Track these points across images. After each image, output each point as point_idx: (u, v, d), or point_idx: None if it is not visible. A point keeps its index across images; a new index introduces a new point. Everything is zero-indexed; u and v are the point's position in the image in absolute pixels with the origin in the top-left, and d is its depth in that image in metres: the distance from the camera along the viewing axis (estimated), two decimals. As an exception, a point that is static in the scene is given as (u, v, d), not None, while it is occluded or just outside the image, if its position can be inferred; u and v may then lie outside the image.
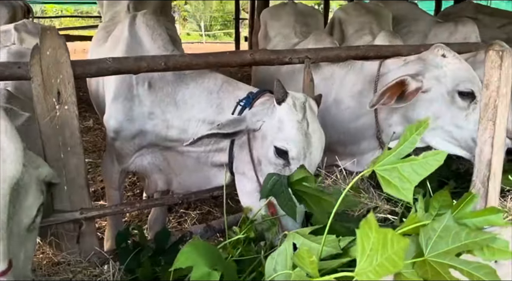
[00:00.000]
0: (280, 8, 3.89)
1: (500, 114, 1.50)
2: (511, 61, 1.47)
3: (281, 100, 1.92)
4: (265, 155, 1.97)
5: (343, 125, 2.66)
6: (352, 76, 2.68)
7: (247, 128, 1.97)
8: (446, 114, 2.30)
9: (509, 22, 4.80)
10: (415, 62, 2.41)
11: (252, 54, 2.56)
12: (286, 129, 1.91)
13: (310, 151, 1.95)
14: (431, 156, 1.19)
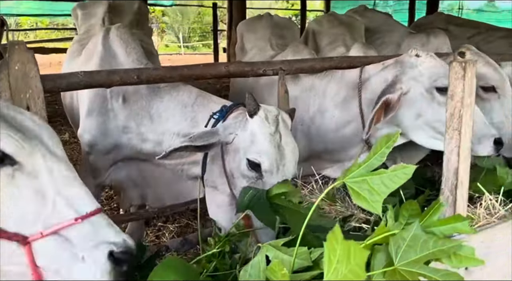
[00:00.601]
0: (256, 20, 3.92)
1: (465, 124, 1.54)
2: (474, 72, 1.52)
3: (253, 113, 1.93)
4: (237, 168, 1.97)
5: (330, 134, 2.68)
6: (333, 85, 2.71)
7: (219, 141, 1.97)
8: (428, 111, 2.35)
9: (478, 32, 4.97)
10: (393, 66, 2.48)
11: (227, 66, 2.57)
12: (258, 141, 1.92)
13: (283, 163, 1.96)
14: (400, 170, 1.22)
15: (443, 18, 5.37)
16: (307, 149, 2.68)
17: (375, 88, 2.46)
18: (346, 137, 2.65)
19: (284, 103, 2.71)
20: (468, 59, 1.51)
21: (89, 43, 2.73)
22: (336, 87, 2.69)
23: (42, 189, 1.20)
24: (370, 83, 2.52)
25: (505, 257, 1.81)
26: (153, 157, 2.29)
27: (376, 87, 2.46)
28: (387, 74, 2.44)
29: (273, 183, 1.93)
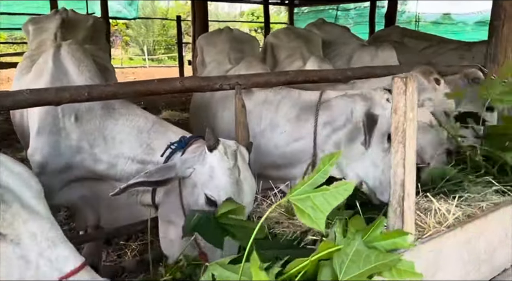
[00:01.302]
0: (216, 34, 3.93)
1: (409, 137, 1.58)
2: (415, 87, 1.57)
3: (213, 147, 1.91)
4: (195, 202, 1.94)
5: (279, 149, 2.71)
6: (288, 102, 2.76)
7: (176, 175, 1.94)
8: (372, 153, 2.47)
9: (430, 44, 5.18)
10: (361, 99, 2.54)
11: (182, 82, 2.56)
12: (217, 176, 1.90)
13: (241, 198, 1.95)
14: (341, 186, 1.23)
15: (399, 31, 5.57)
16: (257, 163, 2.69)
17: (336, 114, 2.56)
18: (294, 153, 2.70)
19: (241, 117, 2.71)
20: (409, 74, 1.55)
21: (39, 60, 2.65)
22: (290, 104, 2.74)
23: (25, 254, 1.23)
24: (331, 107, 2.60)
25: (453, 265, 1.87)
26: (107, 177, 2.24)
27: (335, 112, 2.56)
28: (353, 104, 2.52)
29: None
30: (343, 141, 2.55)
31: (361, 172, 2.49)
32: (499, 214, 2.03)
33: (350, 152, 2.50)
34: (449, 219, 2.03)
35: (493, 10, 3.64)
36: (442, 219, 2.04)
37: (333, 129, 2.57)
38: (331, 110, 2.58)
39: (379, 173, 2.46)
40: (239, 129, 2.72)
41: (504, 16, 3.56)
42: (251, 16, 26.54)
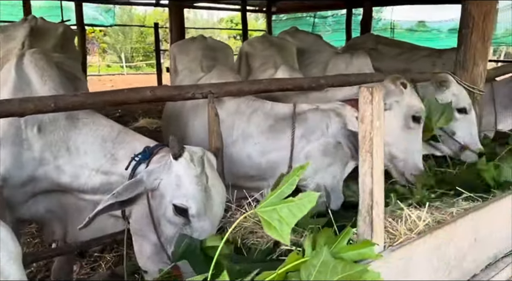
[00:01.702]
0: (189, 42, 3.91)
1: (376, 146, 1.58)
2: (381, 96, 1.58)
3: (178, 155, 1.87)
4: (164, 214, 1.90)
5: (252, 160, 2.70)
6: (261, 113, 2.76)
7: (145, 189, 1.89)
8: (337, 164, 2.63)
9: (403, 51, 5.28)
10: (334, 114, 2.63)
11: (153, 91, 2.52)
12: (184, 185, 1.86)
13: (210, 206, 1.91)
14: (305, 198, 1.23)
15: (373, 38, 5.67)
16: (230, 173, 2.67)
17: (312, 126, 2.62)
18: (269, 164, 2.70)
19: (214, 125, 2.69)
20: (375, 84, 1.57)
21: (3, 69, 2.58)
22: (263, 116, 2.75)
23: None
24: (307, 120, 2.65)
25: (423, 272, 1.87)
26: (71, 190, 2.18)
27: (312, 126, 2.62)
28: (329, 120, 2.61)
29: (202, 227, 1.89)
30: (314, 154, 2.59)
31: (327, 181, 2.60)
32: (468, 220, 2.06)
33: (319, 164, 2.57)
34: (420, 226, 2.05)
35: (462, 19, 3.72)
36: (413, 226, 2.06)
37: (308, 142, 2.61)
38: (307, 123, 2.62)
39: (334, 182, 2.60)
40: (212, 138, 2.69)
41: (472, 24, 3.64)
42: (229, 23, 26.60)
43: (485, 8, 3.61)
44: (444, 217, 2.17)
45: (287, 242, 1.21)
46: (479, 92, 3.80)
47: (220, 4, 12.71)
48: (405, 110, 2.84)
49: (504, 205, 2.23)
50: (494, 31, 11.67)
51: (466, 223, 2.04)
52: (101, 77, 18.93)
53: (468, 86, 3.75)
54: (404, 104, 2.84)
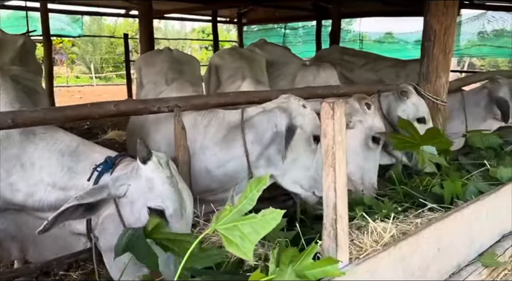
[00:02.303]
0: (155, 54, 3.87)
1: (338, 160, 1.59)
2: (342, 111, 1.60)
3: (146, 158, 1.85)
4: (138, 219, 1.86)
5: (212, 172, 2.69)
6: (215, 124, 2.75)
7: (109, 195, 1.85)
8: (303, 156, 2.56)
9: (368, 62, 5.41)
10: (280, 111, 2.59)
11: (117, 105, 2.47)
12: (157, 187, 1.84)
13: (184, 208, 1.90)
14: (269, 214, 1.22)
15: (338, 50, 5.78)
16: (194, 188, 2.65)
17: (260, 130, 2.58)
18: (228, 175, 2.69)
19: (181, 139, 2.66)
20: (337, 100, 1.58)
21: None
22: (217, 126, 2.74)
23: None
24: (254, 124, 2.62)
25: (389, 284, 1.89)
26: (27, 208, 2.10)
27: (261, 129, 2.58)
28: (275, 118, 2.57)
29: (180, 229, 1.87)
30: (275, 155, 2.58)
31: (296, 178, 2.58)
32: (431, 230, 2.09)
33: (283, 164, 2.54)
34: (385, 238, 2.07)
35: (424, 32, 3.84)
36: (379, 238, 2.08)
37: (263, 146, 2.60)
38: (255, 128, 2.61)
39: (312, 172, 2.57)
40: (179, 152, 2.67)
41: (434, 38, 3.76)
42: (201, 33, 26.59)
43: (445, 22, 3.73)
44: (409, 228, 2.21)
45: (250, 259, 1.20)
46: (442, 103, 3.91)
47: (191, 15, 12.69)
48: (367, 130, 2.93)
49: (465, 214, 2.28)
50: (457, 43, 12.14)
51: (429, 234, 2.07)
52: (69, 89, 18.51)
53: (432, 97, 3.85)
54: (366, 124, 2.93)
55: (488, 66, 22.51)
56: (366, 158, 2.97)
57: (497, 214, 2.52)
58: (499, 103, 4.32)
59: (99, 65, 24.04)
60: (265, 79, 3.92)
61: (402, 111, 3.32)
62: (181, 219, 1.88)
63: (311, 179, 2.58)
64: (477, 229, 2.38)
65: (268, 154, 2.60)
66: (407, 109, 3.36)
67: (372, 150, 2.98)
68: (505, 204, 2.60)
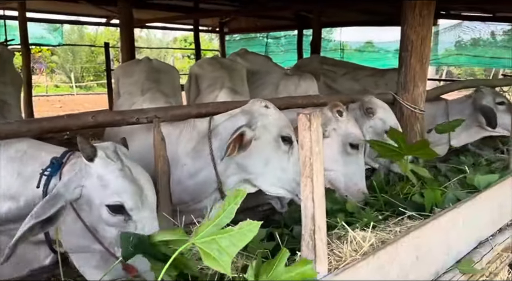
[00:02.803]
0: (133, 64, 3.85)
1: (316, 171, 1.60)
2: (319, 122, 1.61)
3: (92, 156, 1.82)
4: (99, 219, 1.84)
5: (183, 184, 2.66)
6: (185, 134, 2.73)
7: (66, 201, 1.80)
8: (274, 158, 2.52)
9: (347, 71, 5.49)
10: (242, 114, 2.59)
11: (94, 117, 2.45)
12: (110, 182, 1.82)
13: (144, 195, 1.89)
14: (246, 227, 1.22)
15: (318, 60, 5.86)
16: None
17: (224, 136, 2.54)
18: (198, 186, 2.66)
19: (160, 150, 2.63)
20: (313, 111, 1.59)
21: None
22: (188, 136, 2.72)
23: None
24: (219, 131, 2.61)
25: (368, 293, 1.90)
26: None
27: (226, 135, 2.54)
28: (237, 122, 2.54)
29: (144, 218, 1.86)
30: (244, 159, 2.54)
31: (274, 180, 2.53)
32: (410, 238, 2.11)
33: (254, 167, 2.52)
34: (365, 247, 2.08)
35: (401, 43, 3.92)
36: (358, 247, 2.09)
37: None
38: (221, 134, 2.58)
39: (291, 175, 2.51)
40: (159, 163, 2.64)
41: (411, 48, 3.85)
42: (184, 42, 26.56)
43: (422, 33, 3.82)
44: (389, 237, 2.23)
45: (229, 273, 1.19)
46: (420, 112, 3.99)
47: (172, 24, 12.67)
48: (342, 138, 2.95)
49: (442, 221, 2.31)
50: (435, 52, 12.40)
51: (407, 242, 2.09)
52: (49, 98, 18.23)
53: (410, 106, 3.93)
54: (341, 132, 2.95)
55: (464, 74, 23.07)
56: (347, 164, 2.97)
57: (474, 221, 2.57)
58: (484, 111, 4.43)
59: (80, 74, 23.75)
60: (244, 88, 3.93)
61: (369, 128, 3.36)
62: (143, 208, 1.86)
63: (293, 181, 2.51)
64: (454, 236, 2.42)
65: (236, 160, 2.55)
66: (374, 126, 3.40)
67: (352, 155, 2.98)
68: (481, 211, 2.65)
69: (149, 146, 2.64)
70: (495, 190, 2.78)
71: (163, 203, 2.62)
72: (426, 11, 3.75)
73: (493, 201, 2.76)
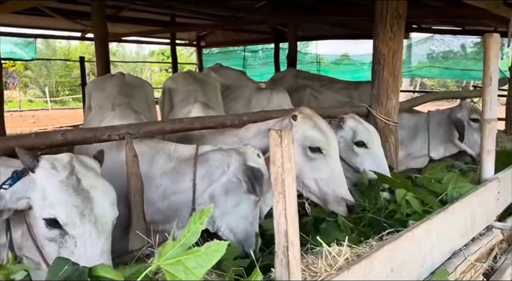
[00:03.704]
0: (106, 79, 3.80)
1: (288, 187, 1.59)
2: (290, 138, 1.61)
3: (33, 167, 1.80)
4: (39, 233, 1.80)
5: (156, 204, 2.61)
6: (164, 156, 2.69)
7: (5, 207, 1.76)
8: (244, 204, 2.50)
9: (322, 84, 5.55)
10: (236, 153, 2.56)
11: (64, 134, 2.39)
12: (48, 194, 1.78)
13: (89, 208, 1.81)
14: (213, 247, 1.19)
15: (293, 73, 5.92)
16: None
17: (212, 166, 2.54)
18: (172, 208, 2.63)
19: (133, 167, 2.59)
20: (284, 127, 1.60)
21: None
22: (166, 157, 2.69)
23: None
24: (207, 159, 2.59)
25: (343, 308, 1.88)
26: None
27: (213, 165, 2.54)
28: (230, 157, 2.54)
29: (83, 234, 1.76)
30: (218, 194, 2.54)
31: (233, 224, 2.50)
32: (384, 251, 2.11)
33: (225, 205, 2.50)
34: (340, 261, 2.07)
35: (374, 56, 3.99)
36: (333, 261, 2.08)
37: (210, 182, 2.56)
38: (208, 164, 2.57)
39: (247, 225, 2.51)
40: (131, 180, 2.59)
41: (383, 61, 3.92)
42: (161, 55, 26.46)
43: (393, 46, 3.90)
44: (364, 251, 2.23)
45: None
46: (393, 124, 4.05)
47: (149, 38, 12.63)
48: (300, 142, 2.89)
49: (416, 233, 2.33)
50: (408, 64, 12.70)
51: (382, 255, 2.09)
52: (22, 113, 17.83)
53: (384, 119, 3.98)
54: (296, 136, 2.88)
55: (437, 85, 23.67)
56: (314, 169, 2.92)
57: (447, 232, 2.59)
58: (456, 124, 4.52)
59: (54, 89, 23.32)
60: (218, 102, 3.92)
61: (340, 138, 3.34)
62: (82, 223, 1.77)
63: (245, 232, 2.51)
64: (428, 248, 2.44)
65: (213, 191, 2.55)
66: (344, 135, 3.41)
67: (317, 159, 2.92)
68: (453, 222, 2.69)
69: (121, 163, 2.59)
70: (467, 200, 2.82)
71: (136, 221, 2.56)
72: (397, 26, 3.84)
73: (465, 211, 2.80)
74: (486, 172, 3.13)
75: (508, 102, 6.78)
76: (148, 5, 8.75)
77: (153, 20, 10.24)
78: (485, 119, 3.05)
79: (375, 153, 3.33)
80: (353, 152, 3.34)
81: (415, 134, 4.80)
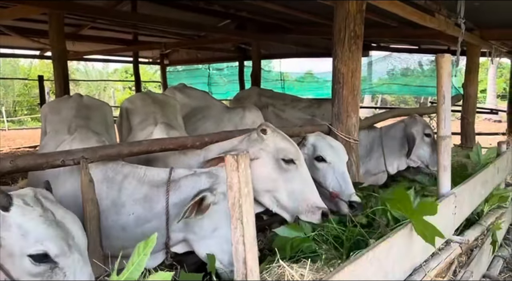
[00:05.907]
0: (63, 101, 3.66)
1: (246, 213, 1.57)
2: (247, 163, 1.59)
3: (7, 205, 1.73)
4: (23, 271, 1.72)
5: (128, 232, 2.51)
6: (133, 181, 2.58)
7: None
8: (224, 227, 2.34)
9: (285, 103, 5.62)
10: (207, 176, 2.48)
11: (13, 161, 2.28)
12: (31, 230, 1.72)
13: (71, 238, 1.80)
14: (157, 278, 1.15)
15: (256, 92, 5.96)
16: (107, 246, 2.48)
17: (184, 192, 2.45)
18: (145, 235, 2.52)
19: (89, 193, 2.49)
20: (241, 152, 1.58)
21: None
22: (136, 183, 2.57)
23: None
24: (179, 186, 2.50)
25: None
26: None
27: (185, 192, 2.45)
28: (200, 183, 2.45)
29: (73, 263, 1.76)
30: (193, 220, 2.42)
31: (216, 249, 2.37)
32: (345, 272, 2.10)
33: (201, 229, 2.40)
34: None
35: (333, 76, 4.07)
36: (295, 284, 2.06)
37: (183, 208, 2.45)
38: (180, 190, 2.48)
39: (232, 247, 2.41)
40: (87, 206, 2.49)
41: (343, 80, 4.00)
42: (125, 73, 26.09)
43: (352, 66, 3.99)
44: (328, 271, 2.22)
45: None
46: (354, 141, 4.12)
47: (111, 56, 12.44)
48: (272, 155, 2.88)
49: (377, 252, 2.34)
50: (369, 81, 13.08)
51: (343, 276, 2.09)
52: (-23, 133, 17.04)
53: (344, 137, 4.05)
54: (269, 149, 2.88)
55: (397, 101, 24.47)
56: (288, 181, 2.89)
57: (407, 249, 2.63)
58: (408, 138, 4.66)
59: (12, 108, 22.47)
60: (178, 123, 3.85)
61: (304, 154, 3.26)
62: (71, 252, 1.78)
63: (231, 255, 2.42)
64: (390, 265, 2.45)
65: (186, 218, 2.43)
66: (307, 152, 3.40)
67: (290, 171, 2.90)
68: (413, 238, 2.73)
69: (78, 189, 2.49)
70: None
71: (92, 249, 2.46)
72: (355, 46, 3.94)
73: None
74: (442, 188, 3.20)
75: (462, 117, 7.10)
76: (110, 24, 8.64)
77: (115, 38, 10.12)
78: (440, 136, 3.14)
79: (337, 168, 3.34)
80: (315, 167, 3.35)
81: (371, 151, 4.90)
